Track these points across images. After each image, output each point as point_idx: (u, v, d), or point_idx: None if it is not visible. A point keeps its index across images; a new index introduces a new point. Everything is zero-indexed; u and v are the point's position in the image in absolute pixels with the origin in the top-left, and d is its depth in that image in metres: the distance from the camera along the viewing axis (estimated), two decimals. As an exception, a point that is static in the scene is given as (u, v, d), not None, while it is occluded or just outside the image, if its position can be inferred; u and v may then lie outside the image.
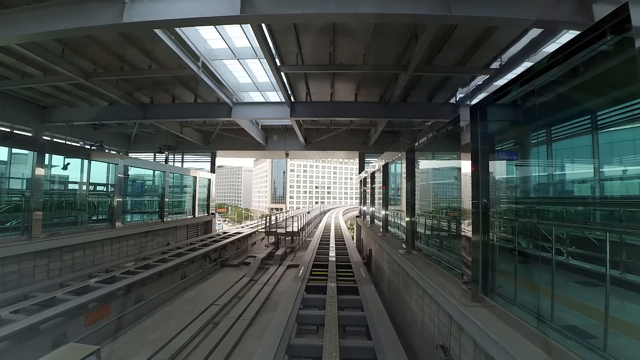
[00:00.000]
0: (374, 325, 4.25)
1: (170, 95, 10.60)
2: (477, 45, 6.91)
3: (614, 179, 2.93)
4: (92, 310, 5.85)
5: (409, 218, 5.06)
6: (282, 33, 6.74)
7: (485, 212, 2.72)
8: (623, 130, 2.78)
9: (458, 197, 3.15)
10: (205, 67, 8.08)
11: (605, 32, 1.75)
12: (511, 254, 2.64)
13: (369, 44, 6.80)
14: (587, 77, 2.27)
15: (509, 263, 2.69)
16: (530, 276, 2.54)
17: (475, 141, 2.83)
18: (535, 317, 2.13)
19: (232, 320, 6.30)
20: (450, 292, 3.24)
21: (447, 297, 3.21)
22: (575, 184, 3.31)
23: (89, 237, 7.92)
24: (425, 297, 4.31)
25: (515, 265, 2.48)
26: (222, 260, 11.23)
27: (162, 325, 6.37)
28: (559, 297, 2.19)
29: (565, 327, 2.03)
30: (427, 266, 4.45)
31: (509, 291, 2.58)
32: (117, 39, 7.31)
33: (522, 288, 2.47)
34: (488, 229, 2.71)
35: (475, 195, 2.75)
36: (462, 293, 3.06)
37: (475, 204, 2.77)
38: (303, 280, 6.21)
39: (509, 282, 2.61)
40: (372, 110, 9.89)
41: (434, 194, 4.73)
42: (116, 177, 8.91)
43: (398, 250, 5.38)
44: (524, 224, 2.71)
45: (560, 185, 3.39)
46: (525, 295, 2.42)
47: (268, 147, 15.39)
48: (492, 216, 2.72)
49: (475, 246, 2.78)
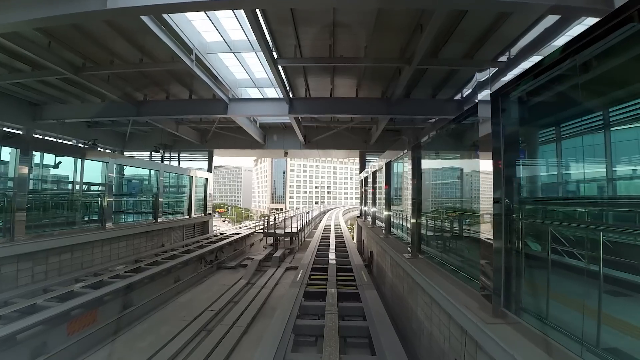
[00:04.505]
0: (377, 337, 3.89)
1: (164, 91, 10.25)
2: (484, 37, 6.56)
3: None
4: (76, 317, 5.49)
5: (414, 220, 4.69)
6: (280, 23, 6.38)
7: (509, 213, 2.36)
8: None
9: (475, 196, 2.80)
10: (199, 60, 7.72)
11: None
12: (543, 263, 2.28)
13: (371, 36, 6.45)
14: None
15: (539, 274, 2.33)
16: (570, 291, 2.18)
17: (497, 133, 2.46)
18: (578, 341, 1.77)
19: (226, 328, 5.92)
20: (464, 303, 2.88)
21: (460, 309, 2.85)
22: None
23: (77, 239, 7.55)
24: (434, 306, 3.95)
25: (547, 277, 2.11)
26: (218, 263, 10.86)
27: (153, 333, 5.99)
28: (610, 319, 1.82)
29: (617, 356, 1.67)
30: (436, 272, 4.09)
31: (538, 307, 2.22)
32: (106, 30, 6.96)
33: (558, 304, 2.11)
34: (514, 233, 2.35)
35: (498, 195, 2.39)
36: (479, 306, 2.70)
37: (498, 204, 2.41)
38: (301, 286, 5.85)
39: (540, 295, 2.25)
40: (374, 107, 9.54)
41: (444, 194, 4.38)
42: (106, 176, 8.54)
43: (403, 254, 5.02)
44: (561, 228, 2.32)
45: (621, 184, 2.80)
46: (561, 313, 2.07)
47: (266, 146, 15.03)
48: (518, 218, 2.36)
49: (497, 253, 2.42)
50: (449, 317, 3.38)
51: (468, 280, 3.25)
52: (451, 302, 3.13)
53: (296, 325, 4.23)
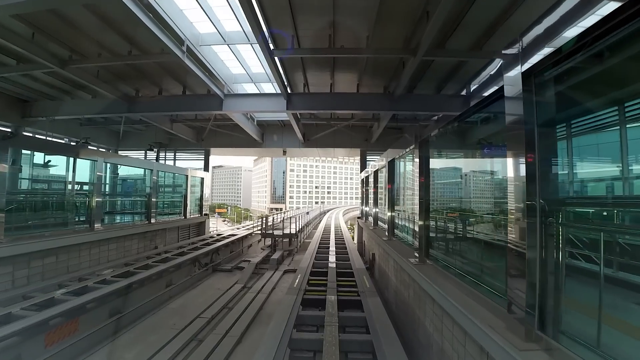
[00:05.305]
0: (383, 353, 3.48)
1: (157, 87, 9.83)
2: (494, 26, 6.14)
3: None
4: (55, 327, 5.07)
5: (422, 222, 4.28)
6: (276, 12, 5.97)
7: (546, 216, 1.95)
8: None
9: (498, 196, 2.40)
10: (191, 53, 7.31)
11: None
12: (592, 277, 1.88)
13: (373, 25, 6.03)
14: None
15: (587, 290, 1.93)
16: (630, 315, 1.78)
17: (530, 121, 2.04)
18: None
19: (218, 337, 5.52)
20: (486, 320, 2.47)
21: (482, 327, 2.44)
22: None
23: (62, 241, 7.14)
24: (446, 319, 3.54)
25: (600, 295, 1.70)
26: (214, 265, 10.45)
27: (140, 342, 5.58)
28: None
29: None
30: (447, 281, 3.68)
31: (585, 331, 1.81)
32: (92, 21, 6.56)
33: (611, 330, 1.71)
34: (554, 240, 1.94)
35: (532, 194, 1.98)
36: (506, 326, 2.28)
37: (531, 205, 2.00)
38: (299, 292, 5.43)
39: (587, 317, 1.84)
40: (376, 103, 9.12)
41: (458, 193, 3.97)
42: (95, 175, 8.12)
43: (409, 259, 4.61)
44: (618, 236, 1.85)
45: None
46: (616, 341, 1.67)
47: (264, 144, 14.61)
48: (560, 222, 1.95)
49: (531, 264, 2.00)
50: (465, 333, 2.98)
51: (489, 293, 2.83)
52: (469, 317, 2.72)
53: (292, 339, 3.83)
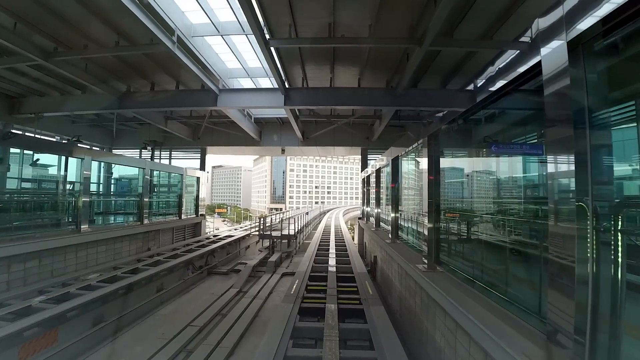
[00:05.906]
0: (389, 374, 3.07)
1: (149, 82, 9.40)
2: (506, 13, 5.74)
3: None
4: (31, 338, 4.66)
5: (432, 224, 3.87)
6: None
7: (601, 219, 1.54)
8: None
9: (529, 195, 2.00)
10: (182, 43, 6.89)
11: None
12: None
13: (377, 12, 5.61)
14: None
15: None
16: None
17: (579, 103, 1.63)
18: None
19: (209, 348, 5.10)
20: (516, 346, 2.06)
21: (512, 354, 2.04)
22: None
23: (46, 244, 6.72)
24: (459, 334, 3.14)
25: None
26: (209, 268, 10.03)
27: (124, 354, 5.17)
28: None
29: None
30: (462, 292, 3.27)
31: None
32: (78, 10, 6.16)
33: None
34: (610, 252, 1.53)
35: (581, 195, 1.57)
36: (546, 356, 1.87)
37: (581, 208, 1.59)
38: (296, 300, 5.02)
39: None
40: (378, 98, 8.70)
41: (474, 193, 3.55)
42: (82, 174, 7.71)
43: (417, 265, 4.19)
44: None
45: None
46: None
47: (262, 142, 14.19)
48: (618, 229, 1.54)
49: (582, 283, 1.59)
50: (486, 354, 2.58)
51: (520, 311, 2.42)
52: (493, 339, 2.32)
53: (287, 355, 3.41)
